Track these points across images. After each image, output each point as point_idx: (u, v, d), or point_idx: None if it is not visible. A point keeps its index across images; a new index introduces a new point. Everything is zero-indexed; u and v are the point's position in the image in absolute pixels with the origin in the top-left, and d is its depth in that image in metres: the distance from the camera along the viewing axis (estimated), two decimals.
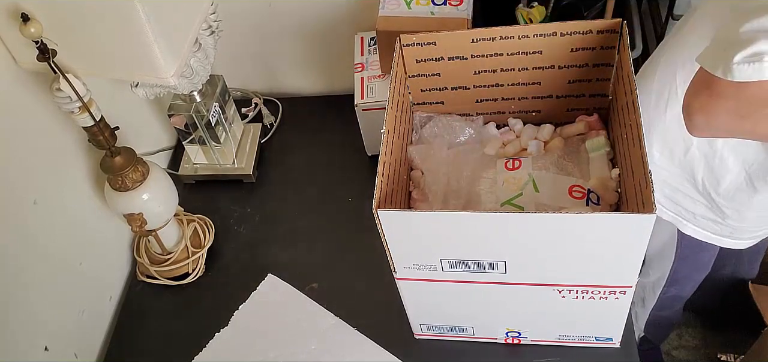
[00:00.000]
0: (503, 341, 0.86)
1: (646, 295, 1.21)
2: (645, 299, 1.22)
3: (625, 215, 0.58)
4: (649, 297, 1.21)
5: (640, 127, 0.63)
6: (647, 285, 1.19)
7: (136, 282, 1.01)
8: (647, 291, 1.20)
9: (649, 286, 1.18)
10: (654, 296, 1.18)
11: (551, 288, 0.71)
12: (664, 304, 1.19)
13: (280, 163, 1.15)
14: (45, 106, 0.85)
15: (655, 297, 1.18)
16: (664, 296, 1.16)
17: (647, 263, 1.15)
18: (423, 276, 0.72)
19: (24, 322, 0.81)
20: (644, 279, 1.19)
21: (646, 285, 1.19)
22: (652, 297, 1.19)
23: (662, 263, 1.09)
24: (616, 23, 0.74)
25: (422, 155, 0.83)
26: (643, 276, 1.18)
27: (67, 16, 0.71)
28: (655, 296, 1.18)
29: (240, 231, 1.06)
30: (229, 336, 0.92)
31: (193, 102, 0.99)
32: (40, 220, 0.85)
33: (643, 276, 1.18)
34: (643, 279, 1.19)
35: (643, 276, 1.18)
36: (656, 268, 1.12)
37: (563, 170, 0.79)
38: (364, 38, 1.10)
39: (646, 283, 1.19)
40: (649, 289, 1.19)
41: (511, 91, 0.84)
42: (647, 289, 1.20)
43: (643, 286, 1.21)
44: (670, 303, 1.20)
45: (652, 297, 1.19)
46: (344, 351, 0.89)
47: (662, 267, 1.10)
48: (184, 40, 0.81)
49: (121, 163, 0.86)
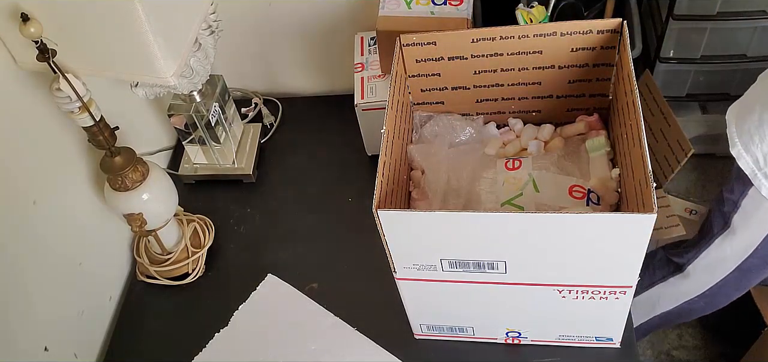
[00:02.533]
0: (503, 341, 0.86)
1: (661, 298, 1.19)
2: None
3: (625, 215, 0.58)
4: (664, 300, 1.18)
5: (640, 126, 0.63)
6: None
7: (136, 282, 1.01)
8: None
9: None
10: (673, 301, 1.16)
11: (551, 288, 0.71)
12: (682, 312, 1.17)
13: (280, 163, 1.15)
14: (45, 106, 0.85)
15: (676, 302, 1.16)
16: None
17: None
18: (423, 276, 0.72)
19: (24, 322, 0.81)
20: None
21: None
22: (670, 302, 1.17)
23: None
24: (616, 23, 0.74)
25: (422, 154, 0.83)
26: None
27: (67, 16, 0.71)
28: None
29: (240, 231, 1.06)
30: (229, 336, 0.92)
31: (193, 102, 0.99)
32: (40, 220, 0.85)
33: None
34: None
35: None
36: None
37: (563, 170, 0.79)
38: (364, 38, 1.10)
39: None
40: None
41: (511, 91, 0.84)
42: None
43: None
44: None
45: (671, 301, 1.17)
46: (344, 351, 0.89)
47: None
48: (184, 40, 0.81)
49: (121, 163, 0.86)
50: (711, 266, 1.08)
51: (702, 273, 1.10)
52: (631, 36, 1.24)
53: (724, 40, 1.43)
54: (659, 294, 1.19)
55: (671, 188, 1.71)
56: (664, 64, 1.50)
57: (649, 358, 1.50)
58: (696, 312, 1.18)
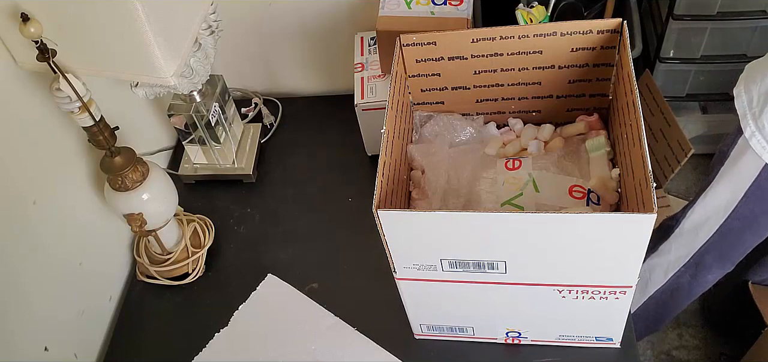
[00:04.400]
0: (503, 341, 0.86)
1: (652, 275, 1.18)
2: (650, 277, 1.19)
3: (625, 215, 0.58)
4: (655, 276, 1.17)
5: (640, 126, 0.63)
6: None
7: (136, 282, 1.01)
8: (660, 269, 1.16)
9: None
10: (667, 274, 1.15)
11: (551, 288, 0.71)
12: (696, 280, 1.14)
13: (280, 163, 1.15)
14: (45, 106, 0.85)
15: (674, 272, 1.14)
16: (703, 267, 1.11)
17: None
18: (423, 276, 0.72)
19: (24, 322, 0.81)
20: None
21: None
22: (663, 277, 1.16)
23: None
24: (616, 23, 0.74)
25: (422, 154, 0.83)
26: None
27: (67, 16, 0.71)
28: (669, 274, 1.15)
29: (240, 231, 1.06)
30: (229, 336, 0.92)
31: (193, 102, 0.99)
32: (40, 220, 0.85)
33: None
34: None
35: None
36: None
37: (563, 170, 0.79)
38: (364, 38, 1.10)
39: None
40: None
41: (511, 91, 0.84)
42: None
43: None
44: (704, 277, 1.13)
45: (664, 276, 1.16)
46: (344, 351, 0.89)
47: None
48: (184, 40, 0.81)
49: (121, 163, 0.85)
50: (695, 228, 1.07)
51: (688, 234, 1.09)
52: (631, 36, 1.24)
53: (724, 40, 1.43)
54: (651, 267, 1.18)
55: (671, 188, 1.71)
56: (664, 64, 1.50)
57: (649, 358, 1.50)
58: (683, 291, 1.17)
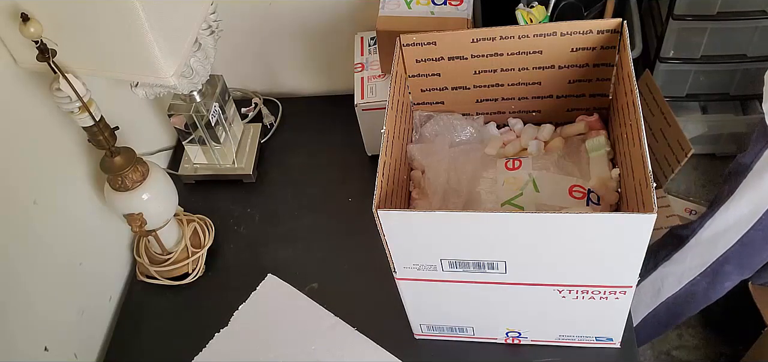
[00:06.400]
0: (503, 341, 0.86)
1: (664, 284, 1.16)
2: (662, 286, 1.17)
3: (625, 215, 0.58)
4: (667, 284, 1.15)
5: (640, 126, 0.63)
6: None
7: (136, 283, 1.01)
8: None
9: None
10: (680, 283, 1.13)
11: (551, 288, 0.71)
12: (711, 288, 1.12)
13: (280, 163, 1.15)
14: (45, 106, 0.85)
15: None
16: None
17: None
18: (423, 276, 0.72)
19: (24, 322, 0.81)
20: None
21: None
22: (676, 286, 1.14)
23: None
24: (616, 23, 0.74)
25: (423, 154, 0.83)
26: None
27: (67, 16, 0.71)
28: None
29: (240, 231, 1.06)
30: (229, 336, 0.92)
31: (193, 102, 0.99)
32: (40, 220, 0.85)
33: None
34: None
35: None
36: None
37: (563, 170, 0.79)
38: (364, 38, 1.10)
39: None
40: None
41: (511, 91, 0.84)
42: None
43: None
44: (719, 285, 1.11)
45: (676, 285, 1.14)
46: (344, 351, 0.89)
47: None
48: (184, 40, 0.81)
49: (120, 163, 0.85)
50: (714, 238, 1.05)
51: (705, 244, 1.07)
52: (631, 36, 1.24)
53: (724, 40, 1.43)
54: (663, 275, 1.16)
55: (671, 188, 1.71)
56: (664, 64, 1.50)
57: (649, 358, 1.50)
58: (699, 297, 1.15)
